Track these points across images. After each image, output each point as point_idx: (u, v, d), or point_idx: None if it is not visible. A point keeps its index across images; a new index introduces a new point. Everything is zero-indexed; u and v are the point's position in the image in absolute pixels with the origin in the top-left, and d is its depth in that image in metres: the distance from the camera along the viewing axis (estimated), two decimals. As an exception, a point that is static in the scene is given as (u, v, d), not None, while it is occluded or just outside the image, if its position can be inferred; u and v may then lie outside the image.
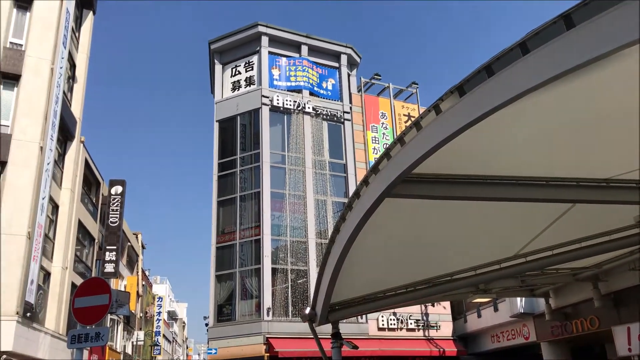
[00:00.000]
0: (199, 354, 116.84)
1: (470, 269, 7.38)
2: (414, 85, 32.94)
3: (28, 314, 15.74)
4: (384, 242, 6.47)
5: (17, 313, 14.71)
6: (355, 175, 28.94)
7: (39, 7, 17.82)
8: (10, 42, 17.18)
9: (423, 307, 27.52)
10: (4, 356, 14.35)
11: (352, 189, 28.45)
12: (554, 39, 2.79)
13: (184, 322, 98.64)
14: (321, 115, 29.44)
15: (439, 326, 27.66)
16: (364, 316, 26.02)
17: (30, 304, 15.97)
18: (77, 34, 22.26)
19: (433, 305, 27.45)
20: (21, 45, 17.32)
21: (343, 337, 8.63)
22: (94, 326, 7.45)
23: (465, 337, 27.73)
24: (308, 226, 26.86)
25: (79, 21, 22.59)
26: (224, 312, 26.21)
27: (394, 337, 26.57)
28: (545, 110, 3.67)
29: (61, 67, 18.67)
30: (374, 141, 30.36)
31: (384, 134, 30.85)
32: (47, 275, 19.09)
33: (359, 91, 31.76)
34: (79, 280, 22.94)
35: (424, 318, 27.67)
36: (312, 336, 8.59)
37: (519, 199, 4.91)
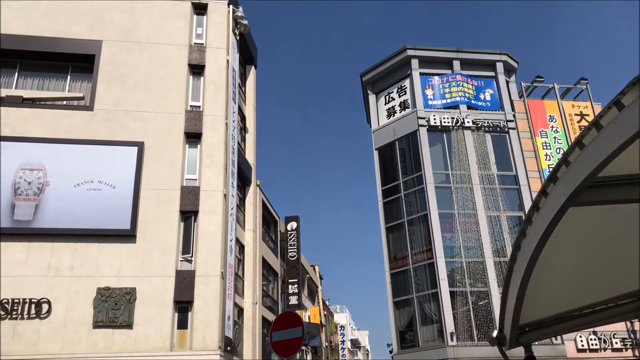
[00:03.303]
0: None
1: (684, 277, 6.39)
2: (583, 81, 30.22)
3: (228, 348, 17.21)
4: (573, 254, 5.93)
5: (220, 347, 16.17)
6: (529, 185, 27.17)
7: (210, 70, 19.99)
8: (190, 106, 19.45)
9: (628, 324, 24.45)
10: None
11: (526, 200, 26.71)
12: None
13: (367, 350, 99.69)
14: (483, 128, 28.34)
15: (652, 345, 24.31)
16: (559, 337, 23.93)
17: (229, 339, 17.47)
18: (243, 89, 24.46)
19: (641, 322, 24.27)
20: (199, 106, 19.51)
21: (538, 360, 8.00)
22: (286, 359, 7.87)
23: (688, 357, 23.93)
24: (483, 245, 25.71)
25: (243, 77, 24.84)
26: (407, 338, 25.99)
27: (596, 358, 23.93)
28: None
29: (233, 121, 20.60)
30: (545, 147, 28.31)
31: (555, 138, 28.64)
32: (240, 310, 20.77)
33: (520, 97, 30.05)
34: (268, 314, 24.56)
35: (632, 336, 24.54)
36: (503, 360, 8.10)
37: None
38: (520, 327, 7.51)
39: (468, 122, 28.16)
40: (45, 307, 15.55)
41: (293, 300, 29.13)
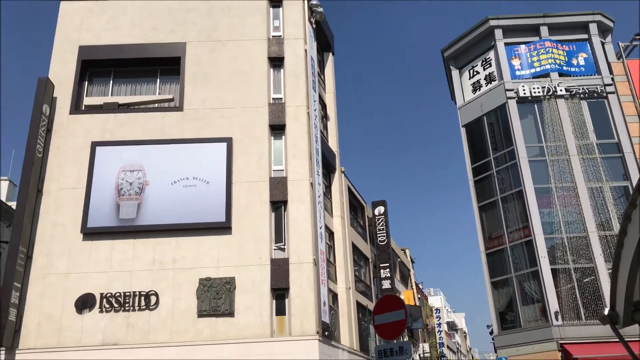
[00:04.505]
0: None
1: None
2: (691, 33, 27.46)
3: (326, 333, 17.49)
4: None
5: (317, 332, 16.48)
6: (634, 153, 25.22)
7: (289, 62, 20.21)
8: (273, 98, 19.79)
9: None
10: None
11: (632, 169, 24.83)
12: None
13: (464, 332, 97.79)
14: (577, 95, 26.60)
15: None
16: (677, 314, 22.11)
17: (326, 324, 17.74)
18: (322, 77, 24.54)
19: None
20: (281, 98, 19.81)
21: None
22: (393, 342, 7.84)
23: None
24: (585, 219, 24.23)
25: (321, 65, 24.91)
26: (507, 319, 25.16)
27: None
28: None
29: (315, 110, 20.73)
30: (650, 110, 26.10)
31: (661, 98, 26.32)
32: (334, 296, 21.02)
33: (619, 58, 27.89)
34: (361, 299, 24.70)
35: None
36: (617, 339, 7.59)
37: None
38: (634, 303, 7.00)
39: (561, 90, 26.54)
40: (153, 299, 16.58)
41: (386, 284, 29.10)
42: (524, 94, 26.68)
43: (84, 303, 16.40)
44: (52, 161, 18.23)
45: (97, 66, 20.20)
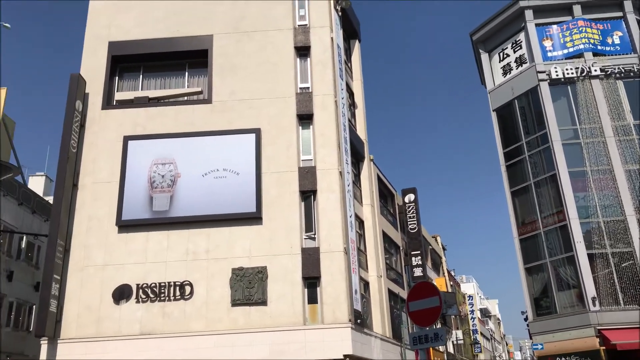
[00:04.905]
0: (520, 349, 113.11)
1: None
2: None
3: (358, 321, 17.52)
4: None
5: (350, 320, 16.52)
6: (673, 133, 24.42)
7: (316, 50, 20.11)
8: (300, 88, 19.73)
9: None
10: None
11: (671, 150, 24.04)
12: None
13: (498, 319, 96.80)
14: (613, 75, 25.83)
15: None
16: None
17: (358, 312, 17.77)
18: (349, 64, 24.36)
19: None
20: (308, 88, 19.75)
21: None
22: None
23: None
24: (623, 202, 23.63)
25: (348, 52, 24.72)
26: (542, 305, 24.80)
27: None
28: None
29: (342, 98, 20.61)
30: (690, 88, 25.20)
31: (702, 76, 25.36)
32: (366, 284, 21.01)
33: (655, 35, 26.92)
34: (393, 287, 24.63)
35: None
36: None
37: None
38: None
39: (595, 70, 25.80)
40: (187, 289, 16.86)
41: (417, 272, 28.93)
42: (557, 75, 26.04)
43: (121, 294, 16.79)
44: (86, 156, 18.61)
45: (126, 61, 20.47)
